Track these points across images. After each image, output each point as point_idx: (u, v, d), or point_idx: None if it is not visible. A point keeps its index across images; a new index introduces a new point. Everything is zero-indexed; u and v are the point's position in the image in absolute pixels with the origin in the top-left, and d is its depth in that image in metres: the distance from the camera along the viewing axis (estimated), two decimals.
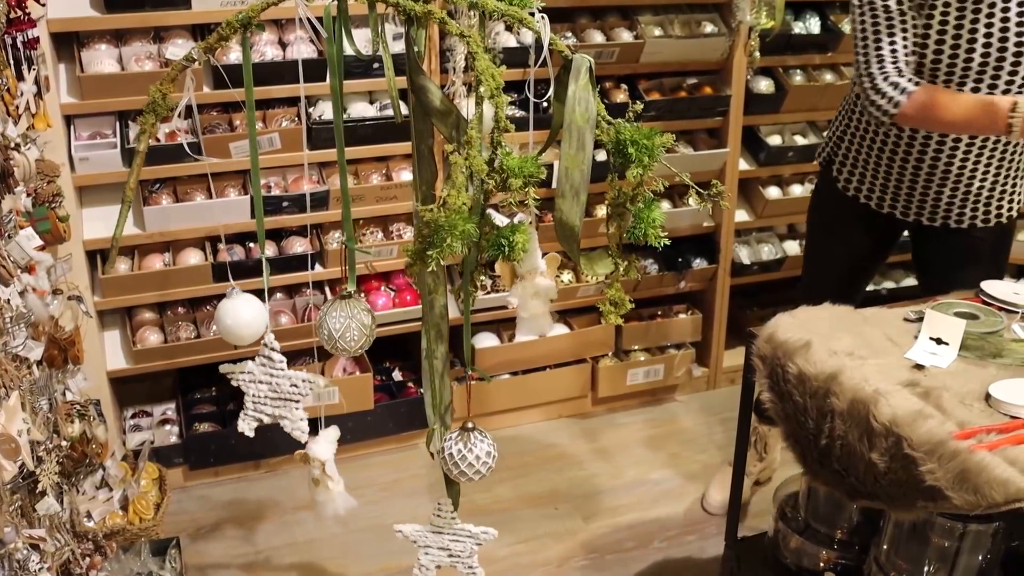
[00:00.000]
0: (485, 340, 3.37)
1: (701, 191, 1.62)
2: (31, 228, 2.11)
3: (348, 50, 1.58)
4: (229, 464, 3.08)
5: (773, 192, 3.48)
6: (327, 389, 2.39)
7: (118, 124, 2.74)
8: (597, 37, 3.11)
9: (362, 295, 2.97)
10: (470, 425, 1.86)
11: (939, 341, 1.81)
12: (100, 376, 2.83)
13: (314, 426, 2.27)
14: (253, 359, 2.02)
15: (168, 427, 3.08)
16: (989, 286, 2.01)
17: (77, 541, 2.20)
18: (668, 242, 1.80)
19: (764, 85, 3.33)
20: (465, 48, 2.80)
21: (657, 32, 3.18)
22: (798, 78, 3.38)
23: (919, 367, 1.76)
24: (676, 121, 3.24)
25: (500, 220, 1.73)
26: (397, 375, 3.34)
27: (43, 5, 2.11)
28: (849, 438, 1.63)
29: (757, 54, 3.11)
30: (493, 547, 2.82)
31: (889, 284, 3.80)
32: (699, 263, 3.48)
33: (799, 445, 1.77)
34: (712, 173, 3.35)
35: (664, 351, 3.56)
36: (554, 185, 1.82)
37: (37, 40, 2.25)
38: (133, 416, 3.13)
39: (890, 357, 1.79)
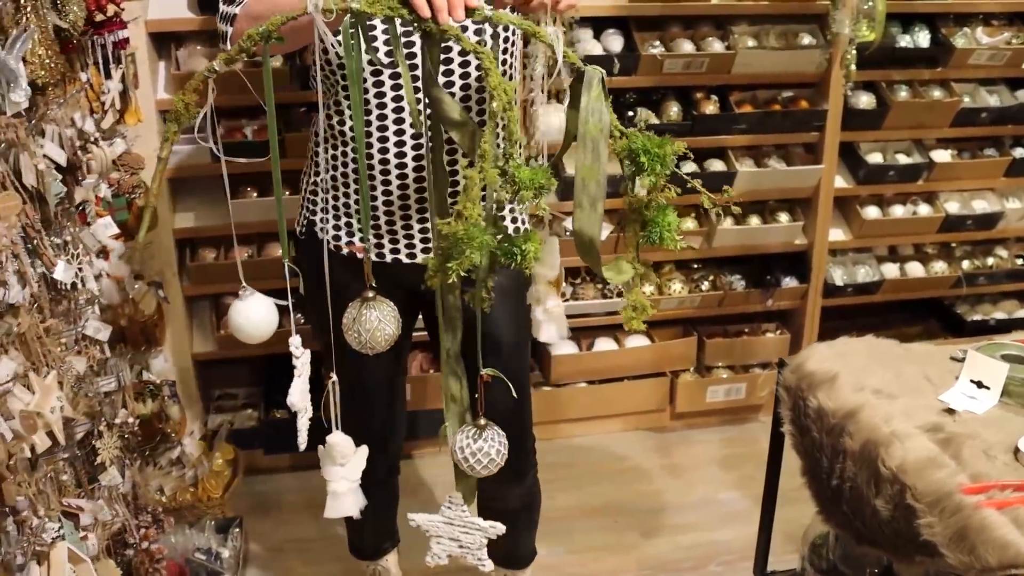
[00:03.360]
0: (563, 347, 3.36)
1: (711, 196, 1.60)
2: (109, 217, 2.26)
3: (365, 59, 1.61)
4: (304, 452, 3.17)
5: (872, 212, 3.33)
6: None
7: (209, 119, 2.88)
8: (686, 47, 3.05)
9: None
10: (482, 422, 1.88)
11: (980, 384, 1.70)
12: (185, 358, 2.99)
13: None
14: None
15: (249, 411, 3.21)
16: None
17: (135, 513, 2.33)
18: (684, 244, 1.79)
19: (865, 100, 3.18)
20: (543, 55, 2.81)
21: (751, 43, 3.08)
22: (903, 94, 3.22)
23: (951, 411, 1.66)
24: (769, 135, 3.16)
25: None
26: None
27: (121, 8, 2.25)
28: (858, 481, 1.56)
29: (853, 67, 2.97)
30: (543, 555, 2.82)
31: (999, 315, 3.56)
32: (788, 281, 3.36)
33: (815, 482, 1.70)
34: (807, 190, 3.24)
35: (748, 370, 3.46)
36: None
37: (127, 40, 2.40)
38: (218, 398, 3.27)
39: (922, 398, 1.69)
